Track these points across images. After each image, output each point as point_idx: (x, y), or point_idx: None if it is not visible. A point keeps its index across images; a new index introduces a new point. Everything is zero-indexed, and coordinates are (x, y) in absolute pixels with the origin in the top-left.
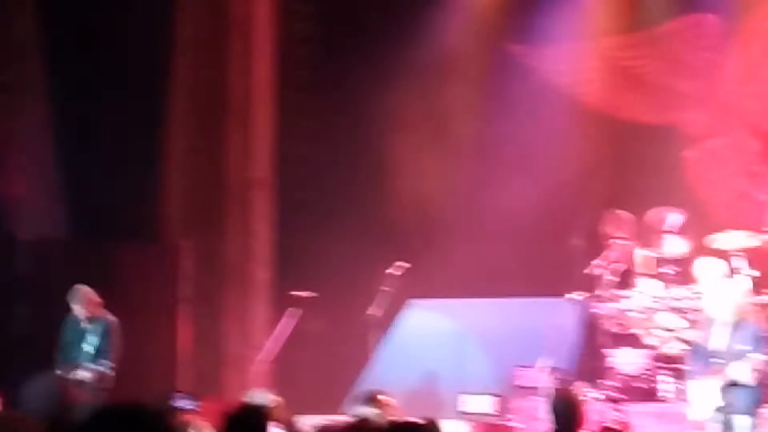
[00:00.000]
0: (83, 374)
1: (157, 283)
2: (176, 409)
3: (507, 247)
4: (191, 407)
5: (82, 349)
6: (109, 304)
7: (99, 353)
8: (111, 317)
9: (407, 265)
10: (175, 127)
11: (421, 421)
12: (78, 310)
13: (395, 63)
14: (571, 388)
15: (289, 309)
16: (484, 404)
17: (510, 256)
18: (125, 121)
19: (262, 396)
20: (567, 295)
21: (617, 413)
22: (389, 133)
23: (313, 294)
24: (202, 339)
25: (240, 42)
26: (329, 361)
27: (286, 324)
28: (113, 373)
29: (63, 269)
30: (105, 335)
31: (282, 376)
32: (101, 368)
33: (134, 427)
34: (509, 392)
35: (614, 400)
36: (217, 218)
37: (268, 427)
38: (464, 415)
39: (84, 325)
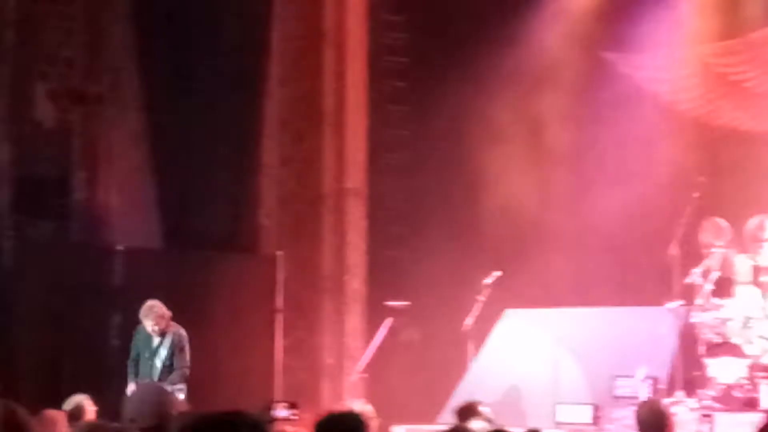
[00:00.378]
0: None
1: (253, 293)
2: (275, 418)
3: (603, 256)
4: (289, 417)
5: (154, 364)
6: (205, 314)
7: (170, 368)
8: (181, 331)
9: (502, 274)
10: (270, 138)
11: None
12: (148, 324)
13: (488, 72)
14: (659, 398)
15: (384, 319)
16: (581, 414)
17: (606, 265)
18: (220, 132)
19: (357, 406)
20: (665, 305)
21: (708, 424)
22: (483, 142)
23: (408, 304)
24: (297, 349)
25: (333, 53)
26: (424, 371)
27: (381, 334)
28: (182, 387)
29: (158, 280)
30: (175, 349)
31: (377, 386)
32: (170, 386)
33: None
34: (606, 402)
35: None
36: (311, 229)
37: None
38: (561, 425)
39: (155, 339)
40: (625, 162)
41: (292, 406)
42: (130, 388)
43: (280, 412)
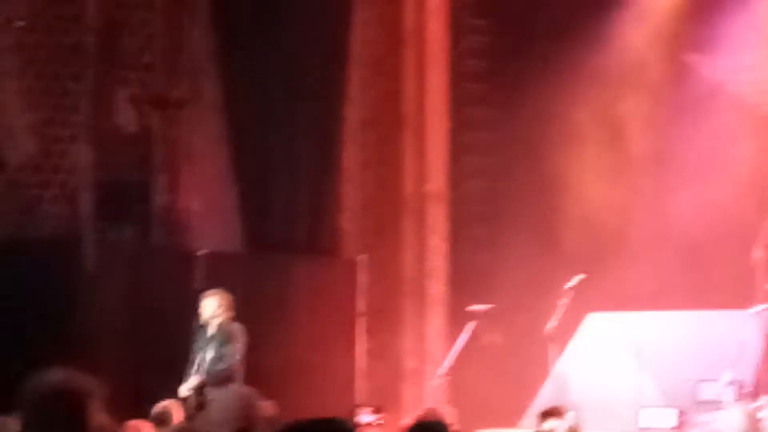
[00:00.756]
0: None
1: (334, 297)
2: (358, 423)
3: (685, 259)
4: (373, 421)
5: (205, 356)
6: (286, 319)
7: (218, 360)
8: (237, 325)
9: (584, 277)
10: (351, 142)
11: None
12: (206, 315)
13: (570, 74)
14: (748, 403)
15: (466, 323)
16: (665, 418)
17: (689, 269)
18: (300, 135)
19: (439, 412)
20: (749, 308)
21: None
22: (564, 144)
23: (490, 307)
24: (379, 353)
25: (414, 56)
26: (506, 375)
27: (463, 338)
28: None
29: (239, 284)
30: (226, 343)
31: (459, 390)
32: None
33: None
34: (691, 406)
35: None
36: (392, 232)
37: None
38: (644, 430)
39: (211, 332)
40: (706, 164)
41: (377, 410)
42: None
43: (365, 417)
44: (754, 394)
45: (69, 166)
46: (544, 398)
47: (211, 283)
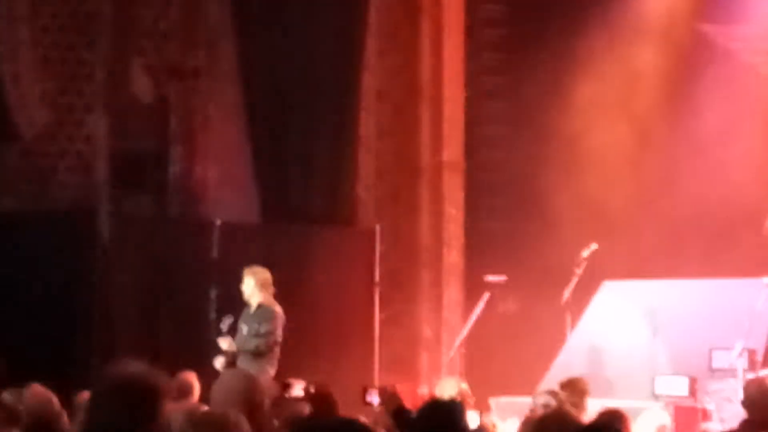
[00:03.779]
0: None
1: (351, 266)
2: (370, 403)
3: (700, 228)
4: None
5: (241, 331)
6: (302, 288)
7: (252, 337)
8: (278, 308)
9: (598, 247)
10: (367, 111)
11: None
12: (246, 293)
13: (586, 43)
14: (761, 371)
15: (482, 291)
16: (677, 386)
17: (703, 238)
18: (317, 104)
19: (452, 383)
20: (762, 278)
21: None
22: (581, 112)
23: (505, 277)
24: (395, 322)
25: (430, 25)
26: (522, 344)
27: (479, 306)
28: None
29: (256, 254)
30: (262, 321)
31: (475, 358)
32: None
33: None
34: (703, 374)
35: None
36: (409, 201)
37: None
38: (659, 398)
39: (251, 309)
40: (723, 134)
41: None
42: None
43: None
44: (766, 363)
45: (84, 135)
46: (560, 367)
47: (228, 253)
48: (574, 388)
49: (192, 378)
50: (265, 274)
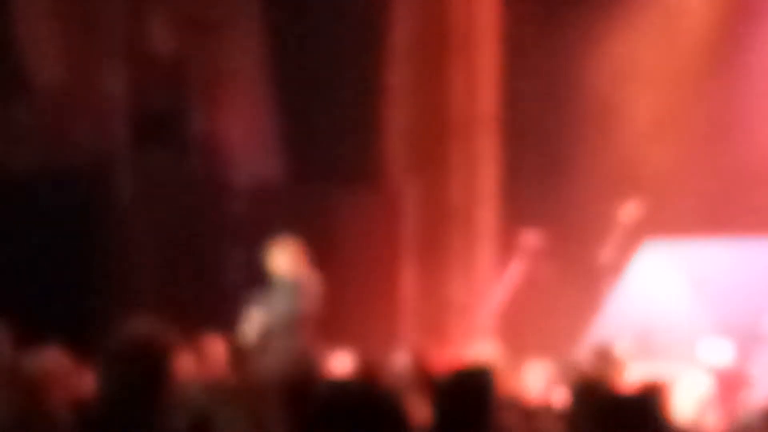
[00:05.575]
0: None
1: (379, 226)
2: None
3: (751, 183)
4: None
5: (274, 303)
6: (329, 249)
7: (284, 308)
8: (309, 279)
9: (638, 205)
10: (397, 65)
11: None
12: (276, 263)
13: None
14: None
15: (516, 253)
16: (722, 352)
17: (754, 194)
18: (344, 60)
19: (485, 348)
20: None
21: None
22: (618, 69)
23: (542, 237)
24: (425, 285)
25: None
26: (558, 308)
27: (513, 269)
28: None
29: (281, 214)
30: (292, 293)
31: (509, 321)
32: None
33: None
34: (750, 340)
35: None
36: (440, 158)
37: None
38: (702, 363)
39: (278, 280)
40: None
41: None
42: None
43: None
44: None
45: (102, 92)
46: (596, 331)
47: (251, 214)
48: (610, 356)
49: (217, 342)
50: (295, 245)
